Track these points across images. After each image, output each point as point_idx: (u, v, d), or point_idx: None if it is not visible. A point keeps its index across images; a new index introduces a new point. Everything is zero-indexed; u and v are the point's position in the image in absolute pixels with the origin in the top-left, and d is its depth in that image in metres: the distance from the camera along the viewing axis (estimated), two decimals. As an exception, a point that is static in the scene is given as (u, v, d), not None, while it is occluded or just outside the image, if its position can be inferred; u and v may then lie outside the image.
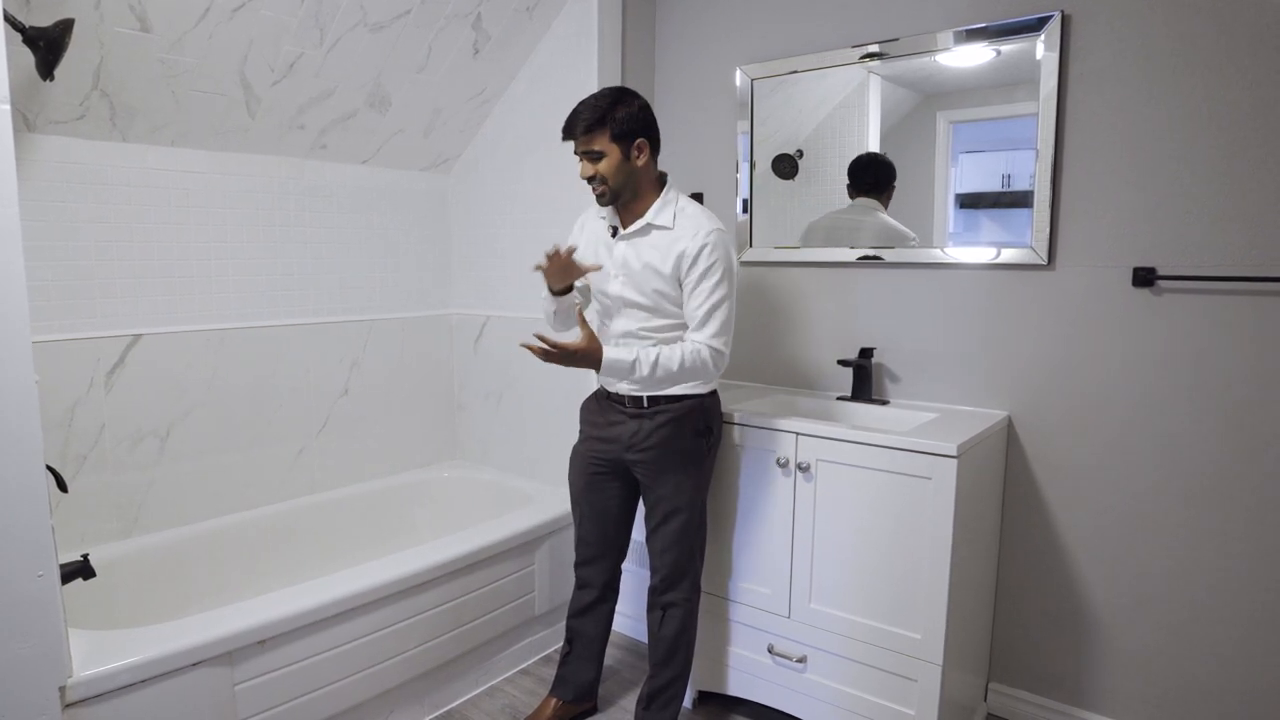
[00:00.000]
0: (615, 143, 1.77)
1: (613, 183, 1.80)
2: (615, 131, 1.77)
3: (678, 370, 1.78)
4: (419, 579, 2.00)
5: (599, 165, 1.79)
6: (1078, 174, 1.93)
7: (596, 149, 1.77)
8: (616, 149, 1.78)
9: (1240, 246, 1.74)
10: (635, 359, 1.77)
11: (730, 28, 2.50)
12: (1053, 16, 1.89)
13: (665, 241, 1.81)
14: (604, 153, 1.77)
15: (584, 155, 1.80)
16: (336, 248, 2.61)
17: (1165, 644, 1.91)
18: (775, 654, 2.04)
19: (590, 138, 1.77)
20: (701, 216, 1.82)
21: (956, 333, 2.14)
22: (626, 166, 1.79)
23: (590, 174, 1.80)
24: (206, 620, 1.67)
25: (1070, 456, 2.00)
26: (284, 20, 2.04)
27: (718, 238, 1.78)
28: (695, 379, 1.83)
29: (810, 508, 1.93)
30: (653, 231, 1.83)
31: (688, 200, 1.86)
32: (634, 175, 1.81)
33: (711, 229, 1.78)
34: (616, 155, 1.78)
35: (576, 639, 2.09)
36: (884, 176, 2.25)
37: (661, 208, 1.83)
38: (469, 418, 3.01)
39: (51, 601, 1.40)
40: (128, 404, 2.14)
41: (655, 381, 1.80)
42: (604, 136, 1.77)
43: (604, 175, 1.79)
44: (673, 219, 1.82)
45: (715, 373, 1.83)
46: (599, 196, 1.83)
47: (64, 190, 1.99)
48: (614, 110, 1.77)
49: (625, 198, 1.83)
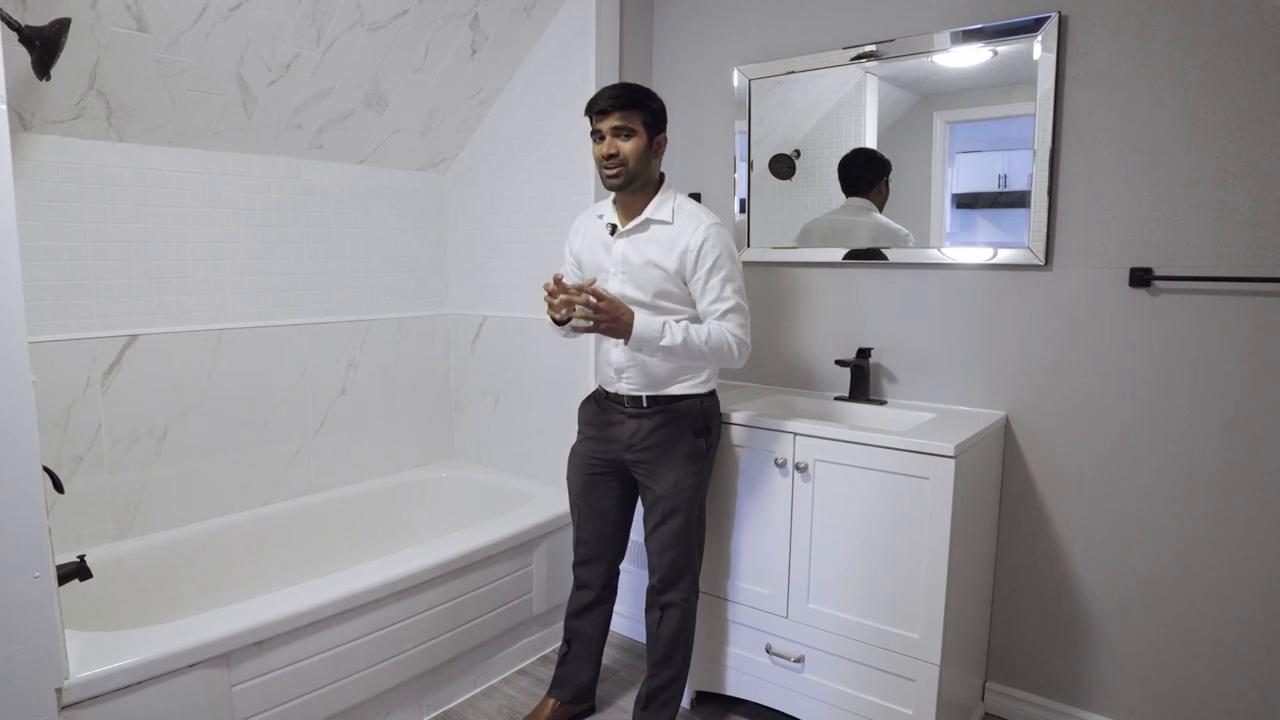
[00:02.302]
0: (645, 129, 1.79)
1: (633, 166, 1.78)
2: (647, 119, 1.79)
3: (703, 344, 1.75)
4: (416, 579, 2.00)
5: (627, 144, 1.77)
6: (1075, 174, 1.93)
7: (630, 127, 1.77)
8: (645, 135, 1.79)
9: (1237, 247, 1.75)
10: (665, 322, 1.73)
11: (727, 28, 2.50)
12: (1050, 17, 1.90)
13: (666, 236, 1.82)
14: (635, 133, 1.78)
15: (613, 131, 1.78)
16: (333, 247, 2.61)
17: (1163, 643, 1.91)
18: (773, 654, 2.04)
19: (627, 114, 1.77)
20: (700, 212, 1.83)
21: (954, 333, 2.14)
22: (647, 155, 1.81)
23: (614, 151, 1.77)
24: (203, 621, 1.66)
25: (1068, 456, 2.00)
26: (281, 20, 2.03)
27: (717, 231, 1.80)
28: (719, 361, 1.81)
29: (808, 508, 1.94)
30: (652, 226, 1.84)
31: (685, 198, 1.88)
32: (649, 167, 1.83)
33: (710, 223, 1.80)
34: (644, 140, 1.79)
35: (575, 639, 2.09)
36: (873, 173, 2.25)
37: (660, 204, 1.84)
38: (466, 417, 3.01)
39: (48, 603, 1.39)
40: (124, 404, 2.14)
41: (685, 351, 1.74)
42: (638, 118, 1.78)
43: (627, 156, 1.78)
44: (672, 214, 1.83)
45: (739, 360, 1.82)
46: (612, 177, 1.80)
47: (60, 190, 1.98)
48: (650, 99, 1.80)
49: (634, 188, 1.83)
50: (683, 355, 1.76)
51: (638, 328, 1.71)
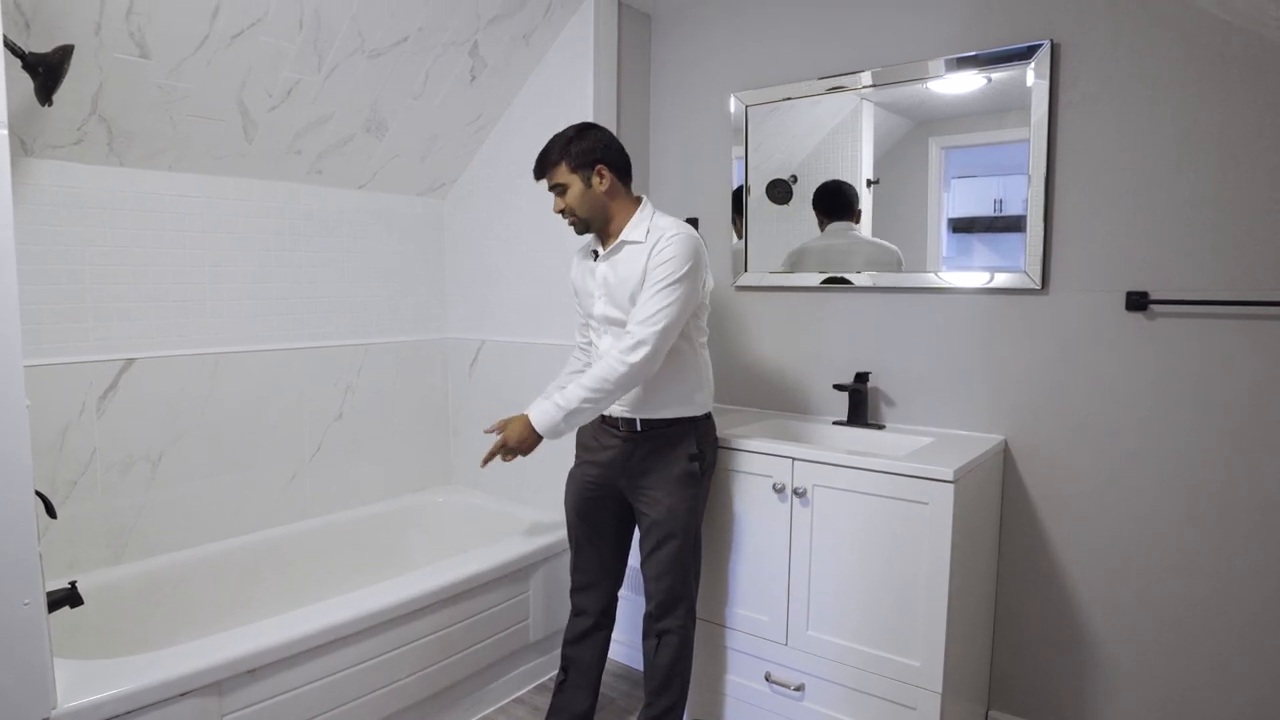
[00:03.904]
0: (575, 173, 1.84)
1: (580, 212, 1.86)
2: (573, 164, 1.84)
3: (593, 390, 1.74)
4: (412, 606, 1.98)
5: (565, 198, 1.86)
6: (1070, 199, 1.94)
7: (559, 182, 1.86)
8: (578, 179, 1.84)
9: (1232, 270, 1.76)
10: (555, 403, 1.77)
11: (724, 55, 2.53)
12: (1042, 45, 1.92)
13: (638, 254, 1.83)
14: (567, 185, 1.85)
15: (553, 190, 1.88)
16: (331, 271, 2.61)
17: (1166, 668, 1.89)
18: (773, 682, 2.01)
19: (552, 173, 1.87)
20: (669, 225, 1.82)
21: (951, 357, 2.14)
22: (590, 194, 1.85)
23: (560, 208, 1.88)
24: (194, 649, 1.64)
25: (1067, 480, 1.99)
26: (283, 47, 2.05)
27: (678, 241, 1.77)
28: (620, 388, 1.76)
29: (807, 533, 1.92)
30: (625, 248, 1.86)
31: (661, 215, 1.87)
32: (600, 202, 1.85)
33: (673, 233, 1.78)
34: (579, 185, 1.85)
35: (572, 667, 2.06)
36: (846, 200, 2.30)
37: (635, 225, 1.86)
38: (464, 442, 3.00)
39: (37, 631, 1.37)
40: (120, 428, 2.13)
41: (594, 405, 1.77)
42: (563, 169, 1.85)
43: (571, 207, 1.87)
44: (645, 234, 1.84)
45: (637, 371, 1.74)
46: (572, 226, 1.91)
47: (60, 214, 1.99)
48: (569, 145, 1.85)
49: (597, 224, 1.88)
50: (597, 408, 1.79)
51: (536, 420, 1.80)
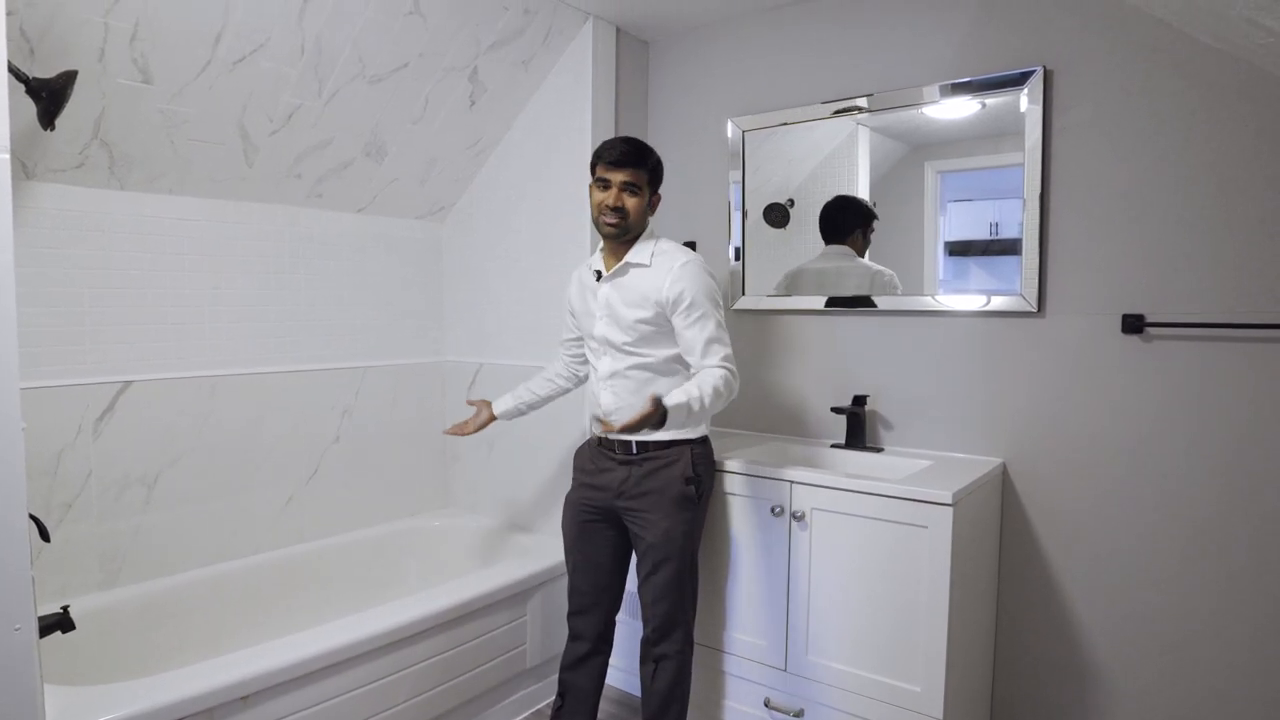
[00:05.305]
0: (649, 185, 1.88)
1: (632, 220, 1.86)
2: (650, 176, 1.88)
3: (713, 393, 1.73)
4: (409, 630, 1.96)
5: (632, 200, 1.85)
6: (1065, 222, 1.96)
7: (636, 183, 1.85)
8: (647, 191, 1.88)
9: (1227, 293, 1.77)
10: (688, 399, 1.69)
11: (721, 80, 2.55)
12: (1035, 71, 1.94)
13: (644, 279, 1.86)
14: (640, 188, 1.86)
15: (622, 185, 1.84)
16: (330, 295, 2.62)
17: (1167, 690, 1.87)
18: (772, 708, 1.99)
19: (638, 172, 1.85)
20: (675, 252, 1.88)
21: (949, 380, 2.15)
22: (645, 212, 1.89)
23: (619, 204, 1.84)
24: (188, 674, 1.62)
25: (1066, 502, 1.98)
26: (284, 72, 2.08)
27: (690, 270, 1.82)
28: (726, 398, 1.79)
29: (806, 557, 1.91)
30: (630, 270, 1.88)
31: (665, 240, 1.92)
32: (645, 220, 1.90)
33: (683, 262, 1.83)
34: (645, 197, 1.88)
35: (569, 693, 2.04)
36: (851, 219, 2.30)
37: (640, 249, 1.89)
38: (461, 466, 2.98)
39: (28, 656, 1.36)
40: (115, 451, 2.12)
41: (707, 409, 1.73)
42: (645, 176, 1.86)
43: (630, 211, 1.85)
44: (650, 258, 1.87)
45: (734, 390, 1.79)
46: (611, 226, 1.85)
47: (60, 237, 2.00)
48: (652, 156, 1.88)
49: (629, 237, 1.89)
50: (708, 413, 1.76)
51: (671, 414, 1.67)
